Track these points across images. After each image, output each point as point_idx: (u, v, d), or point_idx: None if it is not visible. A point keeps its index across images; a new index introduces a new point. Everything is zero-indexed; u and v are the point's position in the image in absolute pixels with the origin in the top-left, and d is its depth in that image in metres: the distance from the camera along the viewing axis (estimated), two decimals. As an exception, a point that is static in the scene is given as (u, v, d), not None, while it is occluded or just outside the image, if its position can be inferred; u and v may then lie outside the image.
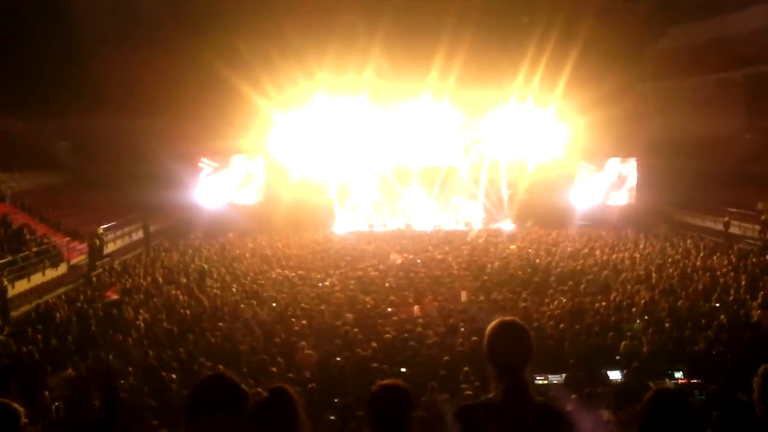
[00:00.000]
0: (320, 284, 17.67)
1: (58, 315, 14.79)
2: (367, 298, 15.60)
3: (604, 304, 14.54)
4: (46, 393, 9.53)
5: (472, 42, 29.37)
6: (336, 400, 9.20)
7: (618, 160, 33.74)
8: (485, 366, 3.09)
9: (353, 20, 30.27)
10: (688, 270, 18.77)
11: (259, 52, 29.03)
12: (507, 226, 31.51)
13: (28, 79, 28.45)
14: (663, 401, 2.83)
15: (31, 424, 7.71)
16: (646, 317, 13.43)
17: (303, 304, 15.09)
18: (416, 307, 14.73)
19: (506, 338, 3.03)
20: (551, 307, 14.62)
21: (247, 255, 23.27)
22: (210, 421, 2.66)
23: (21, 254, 20.13)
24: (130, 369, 10.45)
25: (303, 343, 11.70)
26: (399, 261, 21.26)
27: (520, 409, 2.93)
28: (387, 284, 17.58)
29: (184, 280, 18.65)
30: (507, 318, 3.15)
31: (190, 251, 24.39)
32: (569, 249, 23.20)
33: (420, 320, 13.44)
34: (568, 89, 30.61)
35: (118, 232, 27.55)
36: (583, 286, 16.70)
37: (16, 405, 2.99)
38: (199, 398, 2.74)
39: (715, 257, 20.88)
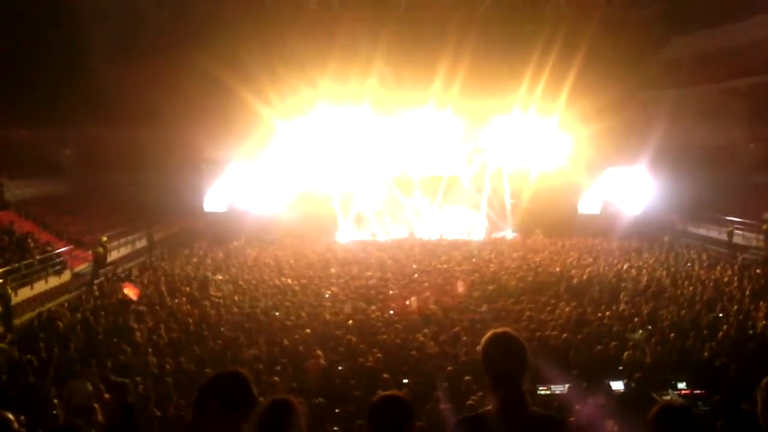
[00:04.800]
0: (327, 294, 17.64)
1: (60, 323, 14.79)
2: (372, 307, 15.57)
3: (608, 314, 14.49)
4: (56, 401, 9.53)
5: (476, 51, 29.44)
6: (337, 410, 9.17)
7: (621, 169, 33.67)
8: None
9: (356, 29, 30.38)
10: (693, 280, 18.71)
11: (262, 61, 29.16)
12: (510, 235, 31.49)
13: (33, 88, 28.56)
14: (668, 417, 2.81)
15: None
16: (649, 327, 13.38)
17: (304, 313, 15.08)
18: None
19: (501, 349, 3.07)
20: (555, 316, 14.58)
21: (250, 263, 23.27)
22: (220, 412, 2.77)
23: (24, 262, 20.16)
24: (138, 378, 10.44)
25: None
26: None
27: (517, 420, 2.94)
28: (390, 292, 17.60)
29: (187, 289, 18.64)
30: (501, 329, 3.18)
31: (194, 260, 24.41)
32: (572, 259, 23.17)
33: (423, 330, 13.34)
34: (571, 98, 30.65)
35: (122, 240, 27.58)
36: (586, 296, 16.67)
37: (7, 413, 3.02)
38: (215, 389, 2.93)
39: (718, 267, 20.81)
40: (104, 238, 23.98)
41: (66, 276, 22.29)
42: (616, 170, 33.67)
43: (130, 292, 16.99)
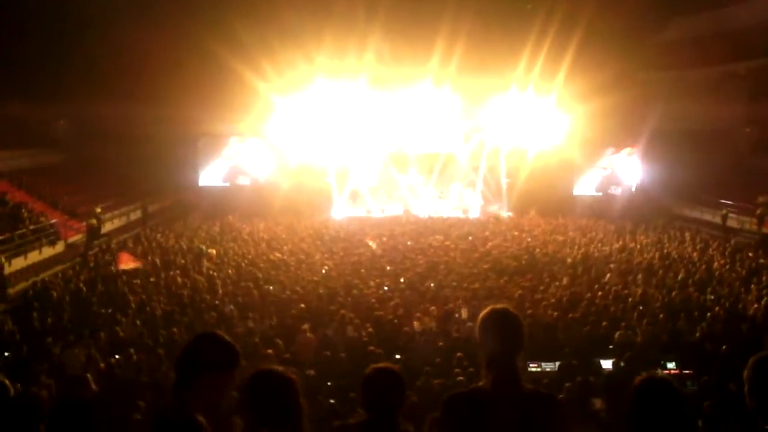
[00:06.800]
0: (324, 270, 17.67)
1: (54, 293, 14.81)
2: (370, 283, 15.60)
3: (600, 293, 14.57)
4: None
5: (474, 28, 29.19)
6: (329, 383, 9.23)
7: (618, 149, 33.62)
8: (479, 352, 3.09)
9: (353, 3, 30.05)
10: (685, 261, 18.80)
11: (259, 36, 28.83)
12: (505, 214, 31.51)
13: (28, 59, 28.26)
14: (650, 389, 2.80)
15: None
16: (641, 308, 13.46)
17: (299, 288, 15.11)
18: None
19: (498, 326, 3.02)
20: (546, 295, 14.65)
21: (245, 237, 23.26)
22: (204, 376, 2.66)
23: (18, 232, 20.10)
24: (131, 350, 10.48)
25: (305, 326, 11.70)
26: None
27: (510, 397, 2.93)
28: (388, 268, 17.67)
29: (182, 261, 18.63)
30: (499, 306, 3.14)
31: (189, 233, 24.38)
32: (566, 239, 23.21)
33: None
34: (569, 77, 30.46)
35: (116, 212, 27.51)
36: (578, 275, 16.75)
37: (5, 380, 3.01)
38: (194, 354, 2.76)
39: (710, 250, 20.89)
40: (98, 209, 23.88)
41: (60, 246, 22.26)
42: (612, 151, 33.63)
43: (129, 263, 17.00)
